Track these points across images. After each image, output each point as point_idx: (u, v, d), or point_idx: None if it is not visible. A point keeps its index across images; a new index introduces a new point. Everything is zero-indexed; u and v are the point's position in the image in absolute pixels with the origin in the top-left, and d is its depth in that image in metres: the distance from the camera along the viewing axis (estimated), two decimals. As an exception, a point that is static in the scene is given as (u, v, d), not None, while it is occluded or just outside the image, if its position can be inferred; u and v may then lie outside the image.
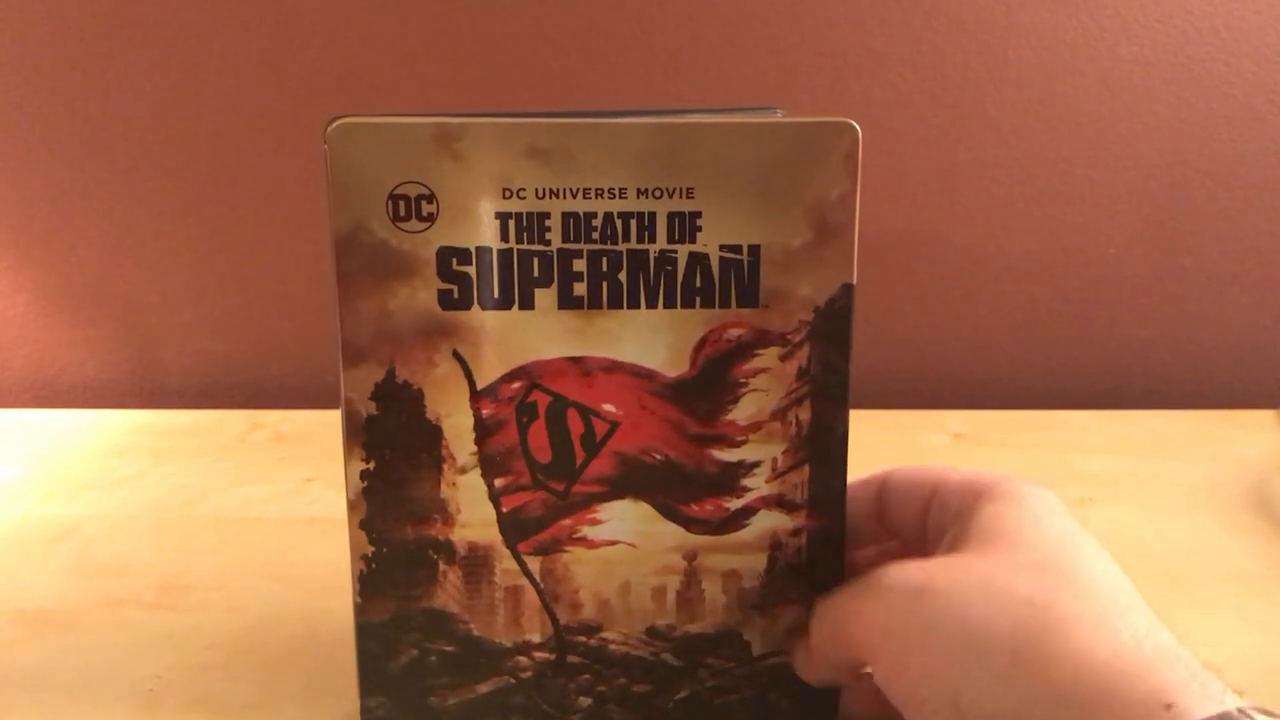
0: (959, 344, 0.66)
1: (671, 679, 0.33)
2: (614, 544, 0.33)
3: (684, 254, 0.31)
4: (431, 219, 0.30)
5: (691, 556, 0.33)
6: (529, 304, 0.31)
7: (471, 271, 0.30)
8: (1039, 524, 0.30)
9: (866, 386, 0.50)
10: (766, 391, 0.32)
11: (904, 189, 0.63)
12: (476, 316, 0.31)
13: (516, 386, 0.31)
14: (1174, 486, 0.52)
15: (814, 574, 0.33)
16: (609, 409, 0.32)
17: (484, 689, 0.33)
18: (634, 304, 0.31)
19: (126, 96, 0.62)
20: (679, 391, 0.32)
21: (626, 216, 0.30)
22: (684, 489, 0.32)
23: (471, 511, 0.32)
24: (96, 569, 0.46)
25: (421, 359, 0.31)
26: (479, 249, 0.30)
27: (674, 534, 0.33)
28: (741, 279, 0.31)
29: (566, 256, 0.31)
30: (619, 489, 0.32)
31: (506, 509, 0.32)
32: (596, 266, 0.31)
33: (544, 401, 0.31)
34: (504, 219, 0.30)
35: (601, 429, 0.32)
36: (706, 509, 0.33)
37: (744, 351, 0.31)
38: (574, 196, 0.30)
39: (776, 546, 0.33)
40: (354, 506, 0.32)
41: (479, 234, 0.30)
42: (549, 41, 0.60)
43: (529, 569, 0.33)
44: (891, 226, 0.63)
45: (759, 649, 0.33)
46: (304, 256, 0.65)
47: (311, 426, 0.61)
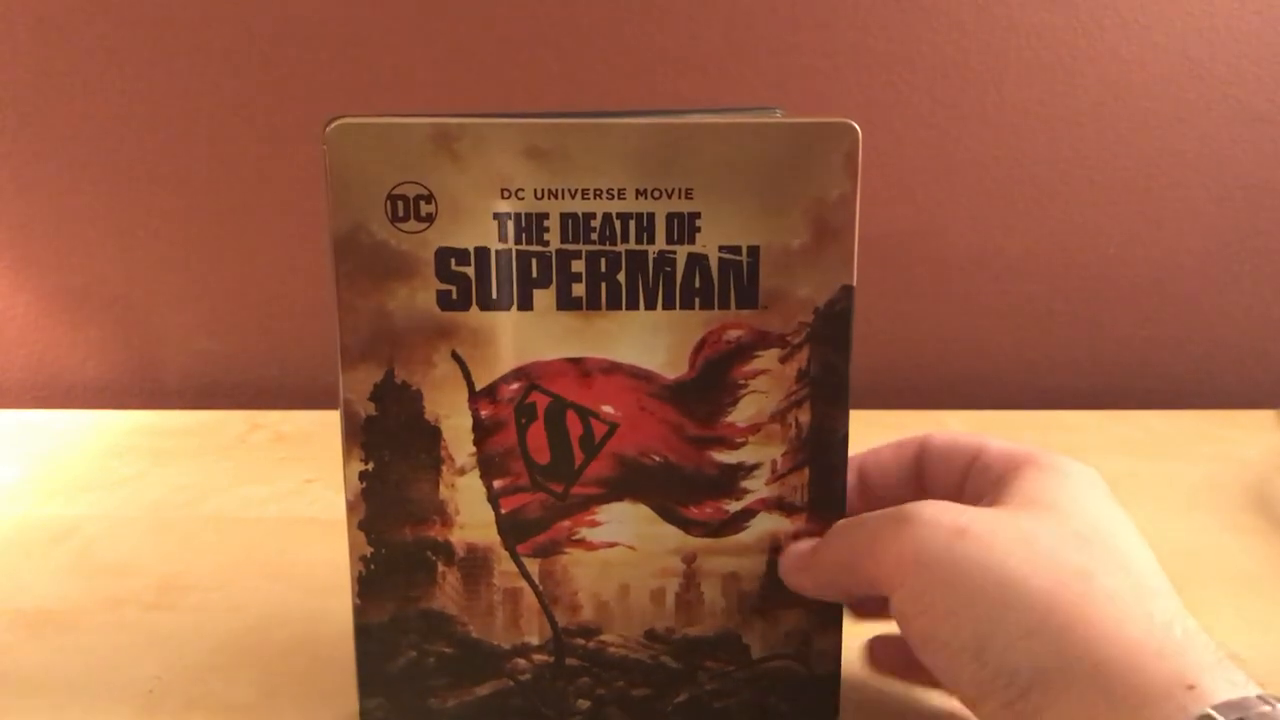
0: (959, 344, 0.66)
1: (670, 682, 0.33)
2: (613, 546, 0.33)
3: (683, 255, 0.31)
4: (430, 219, 0.30)
5: (691, 559, 0.33)
6: (528, 305, 0.31)
7: (470, 272, 0.30)
8: (1082, 496, 0.30)
9: (866, 386, 0.50)
10: (766, 393, 0.32)
11: (904, 189, 0.63)
12: (475, 317, 0.31)
13: (515, 387, 0.31)
14: (1174, 486, 0.52)
15: None
16: (608, 410, 0.32)
17: (483, 691, 0.33)
18: (633, 305, 0.31)
19: (126, 97, 0.62)
20: (678, 393, 0.31)
21: (625, 217, 0.30)
22: (683, 491, 0.32)
23: (470, 513, 0.32)
24: (96, 569, 0.46)
25: (420, 360, 0.31)
26: (478, 249, 0.30)
27: (673, 536, 0.32)
28: (741, 280, 0.31)
29: (565, 257, 0.30)
30: (618, 491, 0.32)
31: (505, 510, 0.32)
32: (595, 267, 0.30)
33: (543, 403, 0.31)
34: (502, 219, 0.30)
35: (600, 430, 0.32)
36: (706, 511, 0.32)
37: (743, 353, 0.31)
38: (572, 197, 0.30)
39: (776, 549, 0.33)
40: (353, 508, 0.32)
41: (478, 234, 0.30)
42: (548, 42, 0.60)
43: (528, 571, 0.33)
44: (891, 226, 0.63)
45: (758, 652, 0.33)
46: (304, 256, 0.65)
47: (311, 427, 0.61)
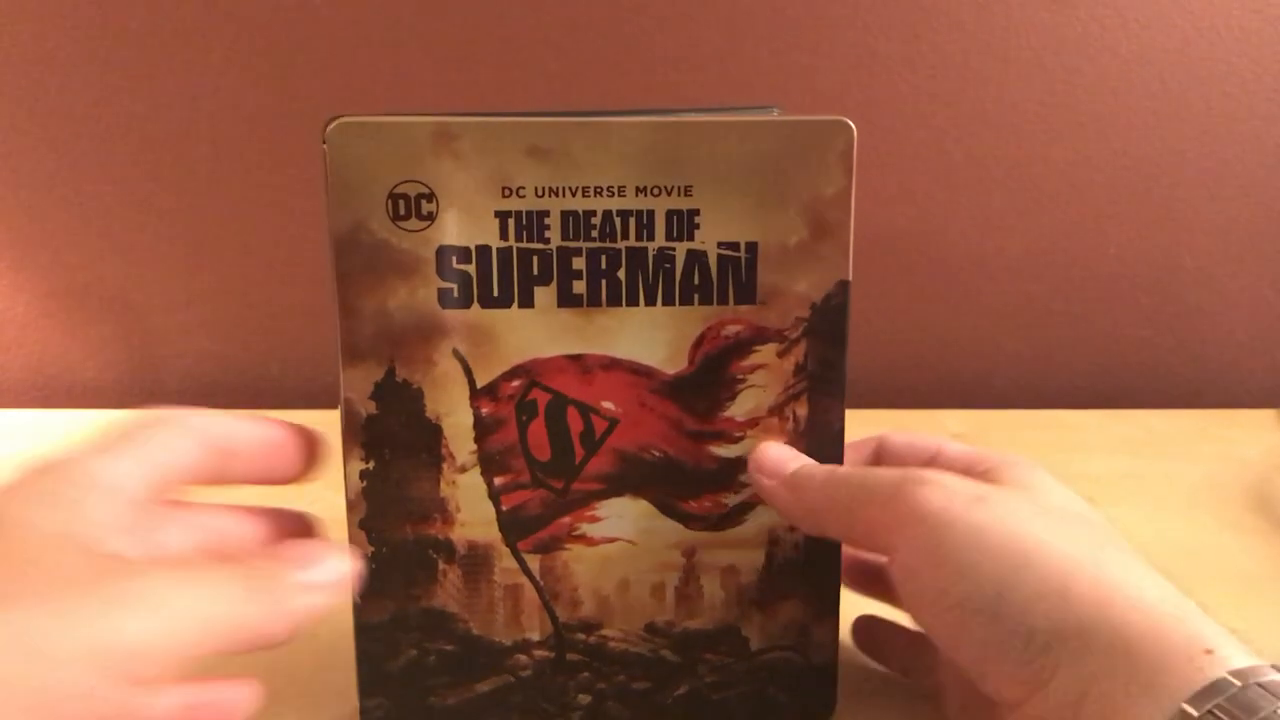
0: (959, 344, 0.66)
1: (670, 675, 0.33)
2: (613, 541, 0.33)
3: (682, 251, 0.31)
4: (431, 218, 0.30)
5: (690, 553, 0.33)
6: (528, 302, 0.31)
7: (471, 270, 0.30)
8: (1063, 488, 0.31)
9: (866, 386, 0.50)
10: (764, 387, 0.32)
11: (904, 189, 0.63)
12: (476, 315, 0.31)
13: (516, 384, 0.31)
14: (1174, 486, 0.52)
15: (811, 570, 0.33)
16: (608, 406, 0.32)
17: (484, 688, 0.33)
18: (633, 301, 0.31)
19: (126, 96, 0.62)
20: (677, 388, 0.32)
21: (625, 214, 0.31)
22: (683, 485, 0.32)
23: (471, 510, 0.32)
24: None
25: (421, 358, 0.31)
26: (478, 247, 0.31)
27: (673, 530, 0.33)
28: (739, 276, 0.31)
29: (566, 255, 0.31)
30: (618, 486, 0.32)
31: (506, 507, 0.32)
32: (595, 264, 0.31)
33: (543, 399, 0.32)
34: (503, 217, 0.30)
35: (601, 426, 0.32)
36: (705, 505, 0.33)
37: (742, 348, 0.32)
38: (573, 195, 0.31)
39: (774, 542, 0.33)
40: (353, 506, 0.32)
41: (479, 233, 0.30)
42: (548, 42, 0.60)
43: (528, 567, 0.33)
44: (891, 226, 0.63)
45: (757, 644, 0.34)
46: (304, 256, 0.65)
47: (311, 427, 0.61)
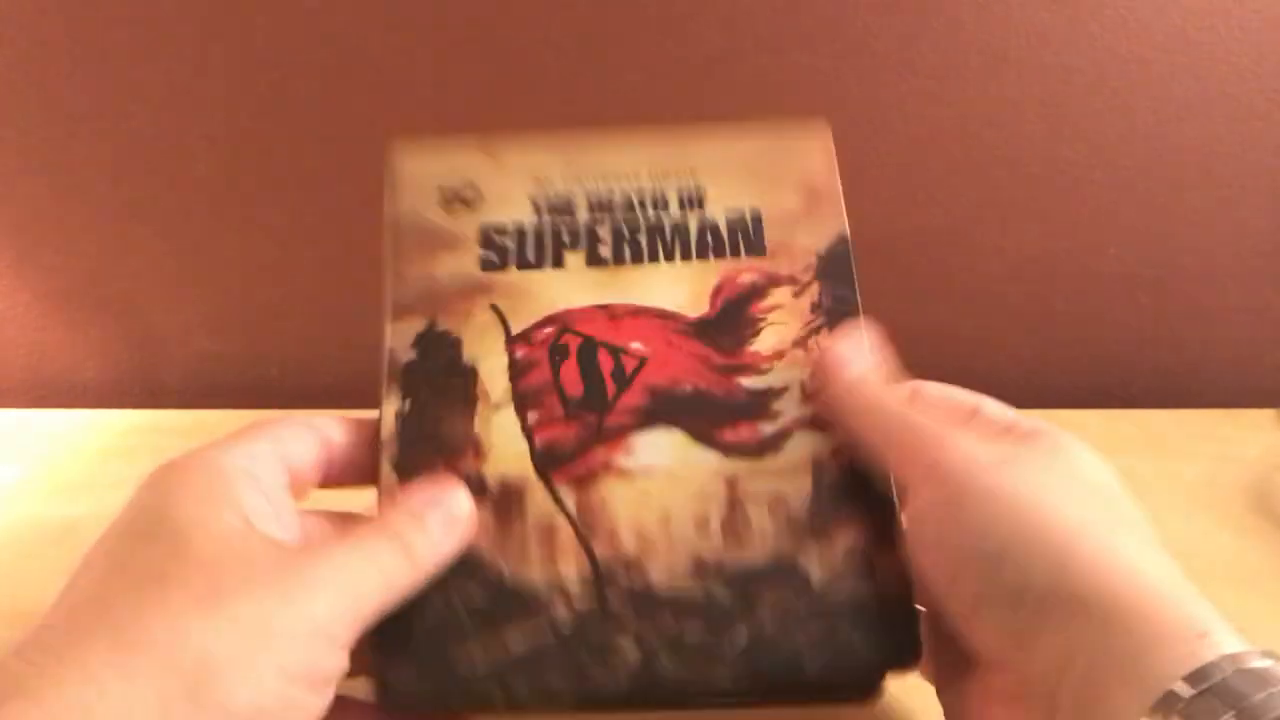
0: (959, 343, 0.66)
1: (727, 619, 0.30)
2: (650, 471, 0.31)
3: (694, 219, 0.35)
4: (474, 204, 0.35)
5: (733, 483, 0.32)
6: (560, 264, 0.35)
7: (509, 241, 0.35)
8: (1096, 462, 0.30)
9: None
10: (785, 324, 0.34)
11: (904, 189, 0.63)
12: (512, 275, 0.34)
13: (549, 331, 0.34)
14: (1174, 486, 0.52)
15: (864, 492, 0.32)
16: (637, 347, 0.33)
17: (519, 649, 0.30)
18: (654, 259, 0.35)
19: (125, 96, 0.62)
20: (701, 329, 0.34)
21: (642, 193, 0.35)
22: (716, 415, 0.32)
23: (505, 446, 0.32)
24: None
25: (461, 312, 0.34)
26: (515, 223, 0.35)
27: (711, 459, 0.32)
28: (748, 234, 0.35)
29: (591, 225, 0.35)
30: (651, 418, 0.32)
31: (540, 441, 0.32)
32: (619, 232, 0.35)
33: (575, 343, 0.33)
34: (536, 201, 0.36)
35: (630, 364, 0.33)
36: (741, 434, 0.32)
37: (759, 291, 0.34)
38: (596, 181, 0.36)
39: (820, 467, 0.32)
40: (385, 447, 0.32)
41: (515, 213, 0.35)
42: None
43: (563, 501, 0.31)
44: (892, 226, 0.63)
45: (819, 577, 0.30)
46: (305, 257, 0.65)
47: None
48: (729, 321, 0.33)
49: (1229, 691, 0.22)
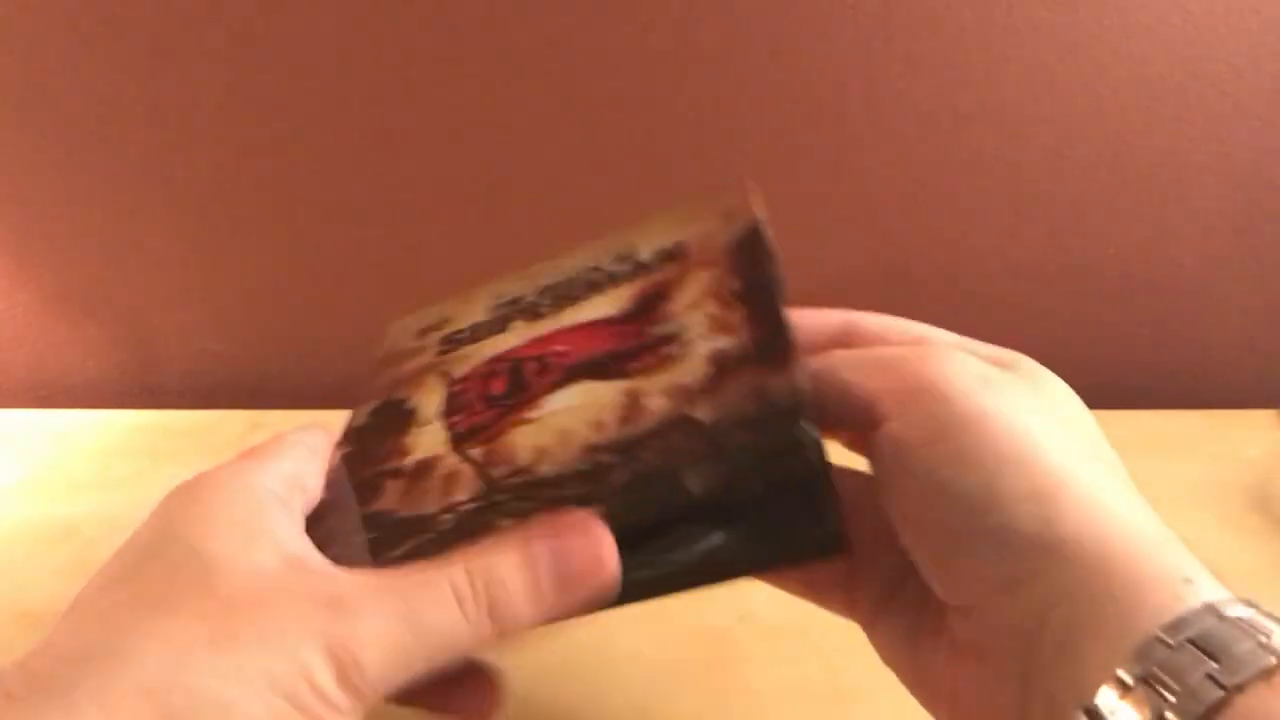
0: (959, 344, 0.66)
1: (607, 470, 0.29)
2: (555, 411, 0.31)
3: (626, 266, 0.36)
4: (441, 327, 0.38)
5: (633, 392, 0.30)
6: (505, 330, 0.37)
7: (465, 334, 0.37)
8: (1066, 390, 0.30)
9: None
10: (696, 283, 0.33)
11: (905, 189, 0.63)
12: (465, 349, 0.37)
13: (486, 364, 0.35)
14: (1174, 486, 0.52)
15: (766, 354, 0.29)
16: (560, 349, 0.34)
17: (397, 553, 0.30)
18: (588, 299, 0.36)
19: (125, 97, 0.62)
20: (622, 318, 0.34)
21: (583, 269, 0.37)
22: (622, 359, 0.32)
23: (428, 442, 0.33)
24: (96, 569, 0.46)
25: (416, 383, 0.36)
26: (471, 324, 0.38)
27: (615, 385, 0.31)
28: (671, 256, 0.36)
29: (536, 301, 0.37)
30: (565, 382, 0.32)
31: (459, 427, 0.33)
32: (560, 296, 0.36)
33: (504, 365, 0.35)
34: (492, 305, 0.38)
35: (553, 359, 0.34)
36: (646, 361, 0.31)
37: (674, 281, 0.34)
38: (548, 279, 0.38)
39: (718, 358, 0.30)
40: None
41: (474, 319, 0.38)
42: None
43: (470, 455, 0.31)
44: (891, 228, 0.63)
45: (710, 418, 0.28)
46: (304, 257, 0.65)
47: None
48: (645, 304, 0.34)
49: (1214, 637, 0.22)
